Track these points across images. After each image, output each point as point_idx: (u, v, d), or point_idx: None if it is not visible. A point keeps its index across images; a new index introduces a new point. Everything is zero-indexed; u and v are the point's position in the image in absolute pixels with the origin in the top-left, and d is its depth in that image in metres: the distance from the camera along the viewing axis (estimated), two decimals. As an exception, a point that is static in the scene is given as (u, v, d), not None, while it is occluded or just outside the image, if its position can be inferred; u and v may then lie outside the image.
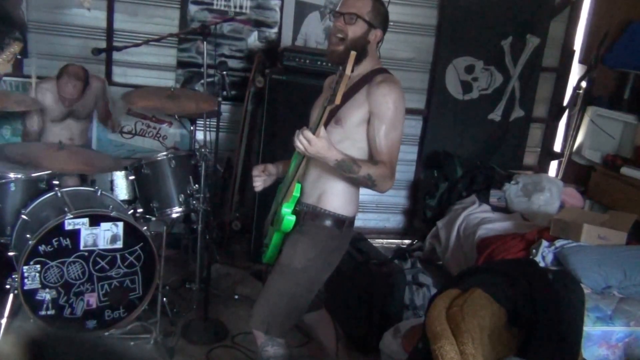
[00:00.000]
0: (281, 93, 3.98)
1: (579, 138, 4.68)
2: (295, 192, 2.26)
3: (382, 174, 2.15)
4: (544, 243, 3.33)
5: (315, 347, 2.86)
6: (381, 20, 2.27)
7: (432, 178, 4.66)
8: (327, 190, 2.29)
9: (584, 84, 4.65)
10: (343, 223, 2.32)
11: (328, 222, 2.29)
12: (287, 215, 2.26)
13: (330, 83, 2.45)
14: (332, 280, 2.42)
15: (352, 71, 1.96)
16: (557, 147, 5.10)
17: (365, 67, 2.27)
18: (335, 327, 2.70)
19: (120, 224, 2.99)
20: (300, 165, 2.23)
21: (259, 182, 2.49)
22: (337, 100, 1.98)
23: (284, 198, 2.29)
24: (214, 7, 4.36)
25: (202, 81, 3.75)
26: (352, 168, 2.10)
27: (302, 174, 2.28)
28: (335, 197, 2.29)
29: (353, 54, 1.95)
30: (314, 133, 2.04)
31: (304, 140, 2.04)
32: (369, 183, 2.15)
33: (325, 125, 2.11)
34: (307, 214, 2.30)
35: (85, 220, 2.92)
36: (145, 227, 3.09)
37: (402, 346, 2.75)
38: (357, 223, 2.48)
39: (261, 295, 2.33)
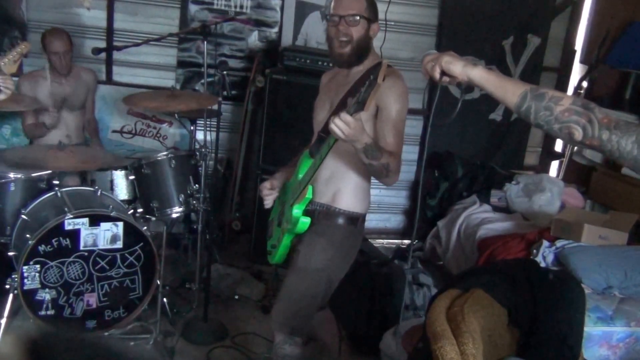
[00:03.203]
0: (281, 93, 3.97)
1: (580, 138, 4.67)
2: (308, 194, 2.25)
3: (396, 165, 2.14)
4: (545, 243, 3.32)
5: (318, 346, 2.86)
6: (376, 13, 2.25)
7: (432, 178, 4.66)
8: (340, 189, 2.29)
9: (585, 83, 4.64)
10: (357, 220, 2.34)
11: (343, 221, 2.30)
12: (301, 218, 2.25)
13: (329, 80, 2.43)
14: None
15: (383, 79, 1.88)
16: (558, 147, 5.10)
17: (368, 62, 2.25)
18: (338, 327, 2.70)
19: (120, 224, 2.99)
20: (317, 168, 2.20)
21: (270, 200, 2.46)
22: (367, 108, 1.94)
23: (296, 200, 2.28)
24: (215, 6, 4.35)
25: (202, 81, 3.74)
26: (376, 154, 2.05)
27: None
28: (348, 195, 2.30)
29: (385, 63, 1.88)
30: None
31: (341, 124, 1.93)
32: (384, 172, 2.11)
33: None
34: (321, 214, 2.30)
35: (85, 220, 2.92)
36: (145, 227, 3.08)
37: (402, 346, 2.75)
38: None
39: (281, 298, 2.33)
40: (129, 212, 3.18)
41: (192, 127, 3.82)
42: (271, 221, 2.54)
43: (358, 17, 2.18)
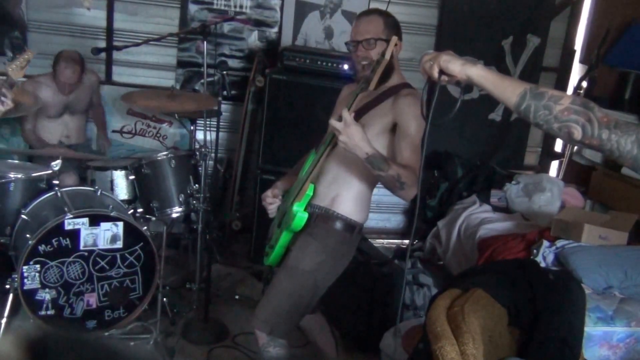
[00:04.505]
0: (281, 93, 3.97)
1: (580, 138, 4.67)
2: (309, 191, 2.24)
3: (410, 178, 2.08)
4: (545, 243, 3.32)
5: (314, 348, 2.85)
6: (396, 30, 2.26)
7: (432, 178, 4.66)
8: (341, 194, 2.27)
9: (584, 83, 4.64)
10: (354, 229, 2.31)
11: (340, 226, 2.28)
12: (300, 213, 2.24)
13: (349, 93, 2.43)
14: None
15: (391, 56, 1.92)
16: (558, 147, 5.10)
17: (393, 80, 2.26)
18: (332, 330, 2.69)
19: (120, 224, 2.99)
20: (317, 164, 2.20)
21: (273, 208, 2.45)
22: (372, 87, 1.95)
23: (296, 197, 2.27)
24: (214, 6, 4.35)
25: (202, 81, 3.74)
26: (382, 165, 2.04)
27: (317, 174, 2.26)
28: (349, 202, 2.28)
29: (394, 38, 1.91)
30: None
31: (342, 122, 1.96)
32: (397, 184, 2.08)
33: None
34: (319, 216, 2.28)
35: (85, 220, 2.92)
36: (145, 227, 3.09)
37: (402, 346, 2.75)
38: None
39: (265, 296, 2.32)
40: (129, 212, 3.18)
41: (192, 127, 3.83)
42: (272, 225, 2.54)
43: (374, 40, 2.20)
